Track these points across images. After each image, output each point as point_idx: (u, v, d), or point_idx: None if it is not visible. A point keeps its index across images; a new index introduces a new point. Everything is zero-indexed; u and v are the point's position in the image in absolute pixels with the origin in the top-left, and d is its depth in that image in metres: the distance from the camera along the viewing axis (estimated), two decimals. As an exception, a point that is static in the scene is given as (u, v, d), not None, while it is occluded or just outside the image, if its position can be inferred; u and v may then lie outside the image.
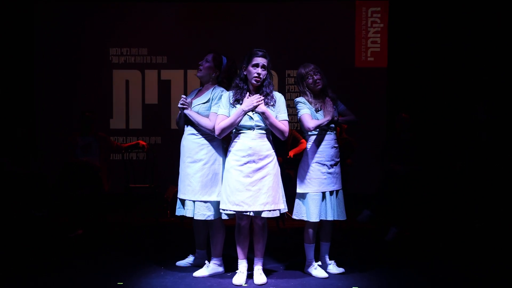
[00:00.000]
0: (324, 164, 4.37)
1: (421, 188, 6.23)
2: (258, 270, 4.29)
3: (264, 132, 4.19)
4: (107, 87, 8.29)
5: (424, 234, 6.13)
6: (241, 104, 4.17)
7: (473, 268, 4.71)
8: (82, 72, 8.29)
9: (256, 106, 4.14)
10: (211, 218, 4.31)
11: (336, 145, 4.45)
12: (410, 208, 6.28)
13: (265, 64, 4.17)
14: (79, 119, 6.57)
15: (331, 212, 4.39)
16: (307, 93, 4.43)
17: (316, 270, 4.43)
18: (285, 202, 4.28)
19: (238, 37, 8.11)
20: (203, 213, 4.29)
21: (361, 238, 5.93)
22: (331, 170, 4.40)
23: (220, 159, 4.33)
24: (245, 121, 4.15)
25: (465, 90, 7.92)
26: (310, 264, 4.48)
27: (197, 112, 4.33)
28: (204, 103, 4.35)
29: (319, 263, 4.54)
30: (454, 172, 5.69)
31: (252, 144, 4.14)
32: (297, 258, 5.04)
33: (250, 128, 4.16)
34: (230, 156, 4.20)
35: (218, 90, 4.37)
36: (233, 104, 4.20)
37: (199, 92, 4.50)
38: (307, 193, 4.36)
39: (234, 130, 4.22)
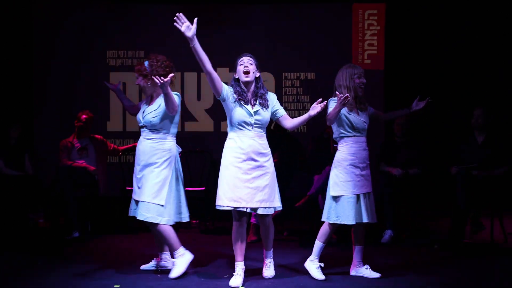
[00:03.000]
0: (357, 167, 4.39)
1: (417, 192, 6.23)
2: (267, 264, 4.43)
3: (261, 131, 4.27)
4: (104, 90, 8.27)
5: (421, 236, 6.14)
6: (244, 103, 4.21)
7: (470, 270, 4.71)
8: (79, 74, 8.27)
9: None
10: (151, 220, 4.31)
11: (366, 148, 4.49)
12: (406, 211, 6.30)
13: (251, 59, 4.28)
14: (75, 121, 6.55)
15: (366, 214, 4.39)
16: (352, 92, 4.40)
17: (317, 271, 4.41)
18: (279, 200, 4.33)
19: (235, 39, 8.10)
20: (143, 213, 4.33)
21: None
22: (363, 172, 4.41)
23: (172, 164, 4.44)
24: (244, 117, 4.20)
25: (462, 93, 7.93)
26: (313, 262, 4.46)
27: (150, 121, 4.39)
28: (155, 109, 4.41)
29: (322, 264, 4.50)
30: (450, 176, 5.69)
31: (251, 142, 4.20)
32: (294, 259, 5.04)
33: (249, 124, 4.21)
34: (229, 153, 4.24)
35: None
36: (239, 103, 4.23)
37: (151, 101, 4.51)
38: (342, 196, 4.36)
39: (233, 128, 4.25)
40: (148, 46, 8.32)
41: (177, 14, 4.16)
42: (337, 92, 4.20)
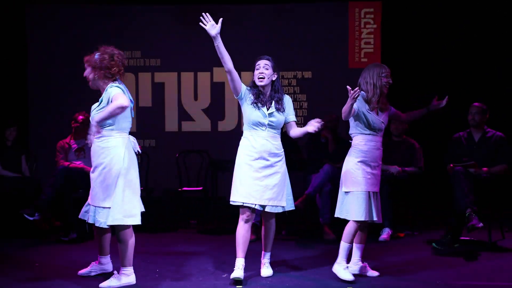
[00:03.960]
0: (368, 165, 4.36)
1: (416, 190, 6.23)
2: (265, 263, 4.50)
3: (275, 132, 4.39)
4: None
5: (419, 234, 6.14)
6: (260, 105, 4.32)
7: (467, 268, 4.72)
8: (75, 75, 8.18)
9: None
10: (111, 223, 4.11)
11: (380, 148, 4.44)
12: (404, 209, 6.30)
13: (267, 64, 4.39)
14: (72, 122, 6.54)
15: (375, 213, 4.39)
16: (378, 90, 4.37)
17: (345, 271, 4.30)
18: (291, 200, 4.47)
19: (232, 39, 8.05)
20: (100, 219, 4.14)
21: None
22: (374, 171, 4.38)
23: (121, 162, 4.10)
24: (259, 118, 4.32)
25: (459, 91, 7.92)
26: (340, 264, 4.35)
27: (93, 118, 4.18)
28: (99, 105, 4.25)
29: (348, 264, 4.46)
30: (448, 174, 5.68)
31: (264, 142, 4.33)
32: (292, 258, 5.04)
33: (263, 125, 4.33)
34: (242, 151, 4.37)
35: (108, 87, 4.24)
36: (256, 105, 4.34)
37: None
38: (353, 191, 4.33)
39: (248, 127, 4.36)
40: (145, 46, 8.32)
41: (203, 13, 4.29)
42: (348, 87, 4.15)
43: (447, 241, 5.49)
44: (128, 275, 4.24)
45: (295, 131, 4.47)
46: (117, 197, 4.09)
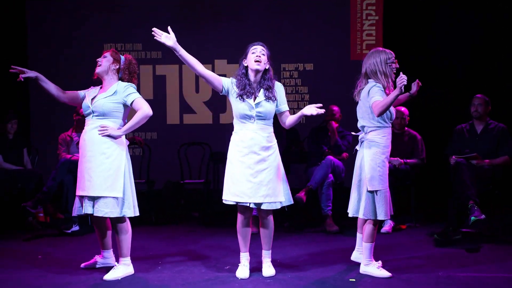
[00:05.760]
0: (387, 158, 4.24)
1: (417, 182, 6.22)
2: (266, 262, 4.29)
3: (265, 123, 4.15)
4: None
5: (420, 226, 6.15)
6: (246, 97, 4.10)
7: (468, 259, 4.72)
8: (76, 68, 8.24)
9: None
10: (111, 215, 4.13)
11: None
12: (406, 201, 6.30)
13: (263, 50, 4.15)
14: (74, 115, 6.53)
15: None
16: (389, 78, 4.20)
17: (379, 270, 4.23)
18: (288, 194, 4.23)
19: (233, 31, 8.07)
20: (102, 209, 4.10)
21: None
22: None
23: (123, 153, 4.19)
24: (245, 110, 4.11)
25: (461, 83, 7.92)
26: (369, 264, 4.27)
27: (102, 105, 4.22)
28: (110, 95, 4.24)
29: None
30: (449, 166, 5.68)
31: (254, 135, 4.11)
32: (294, 251, 5.04)
33: (251, 117, 4.12)
34: (233, 147, 4.17)
35: (122, 83, 4.30)
36: (241, 97, 4.13)
37: (101, 90, 4.38)
38: (380, 190, 4.17)
39: (237, 121, 4.20)
40: (146, 39, 8.27)
41: (153, 29, 4.17)
42: (401, 73, 3.96)
43: (449, 233, 5.49)
44: (128, 265, 4.30)
45: (290, 120, 4.22)
46: (126, 187, 4.18)
